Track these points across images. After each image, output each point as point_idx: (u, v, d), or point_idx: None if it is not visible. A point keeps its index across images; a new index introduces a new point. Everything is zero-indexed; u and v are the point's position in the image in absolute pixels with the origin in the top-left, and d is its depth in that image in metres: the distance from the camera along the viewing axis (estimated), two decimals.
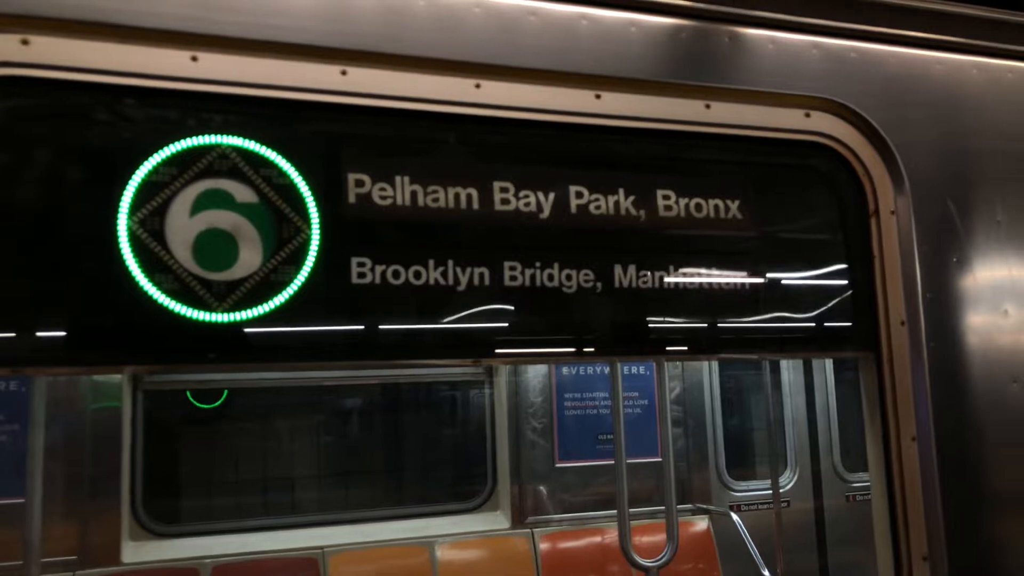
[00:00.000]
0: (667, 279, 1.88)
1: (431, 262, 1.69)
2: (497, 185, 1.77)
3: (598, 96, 1.84)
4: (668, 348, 2.04)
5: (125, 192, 1.50)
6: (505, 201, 1.77)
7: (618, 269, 1.85)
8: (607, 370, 5.58)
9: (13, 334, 1.45)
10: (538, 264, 1.78)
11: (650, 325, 1.91)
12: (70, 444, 4.62)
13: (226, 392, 5.73)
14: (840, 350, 2.20)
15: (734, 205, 1.96)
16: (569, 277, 1.80)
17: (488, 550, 5.35)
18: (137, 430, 4.98)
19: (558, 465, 5.67)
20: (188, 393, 5.61)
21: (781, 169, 2.07)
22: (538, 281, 1.77)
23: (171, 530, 5.03)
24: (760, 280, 1.99)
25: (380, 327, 1.68)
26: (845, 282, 2.06)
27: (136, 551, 4.76)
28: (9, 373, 1.46)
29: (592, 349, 1.96)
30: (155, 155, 1.53)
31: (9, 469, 4.27)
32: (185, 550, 4.84)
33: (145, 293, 1.49)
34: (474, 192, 1.75)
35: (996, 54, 2.21)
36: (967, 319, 2.04)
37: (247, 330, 1.55)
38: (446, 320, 1.72)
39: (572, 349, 1.91)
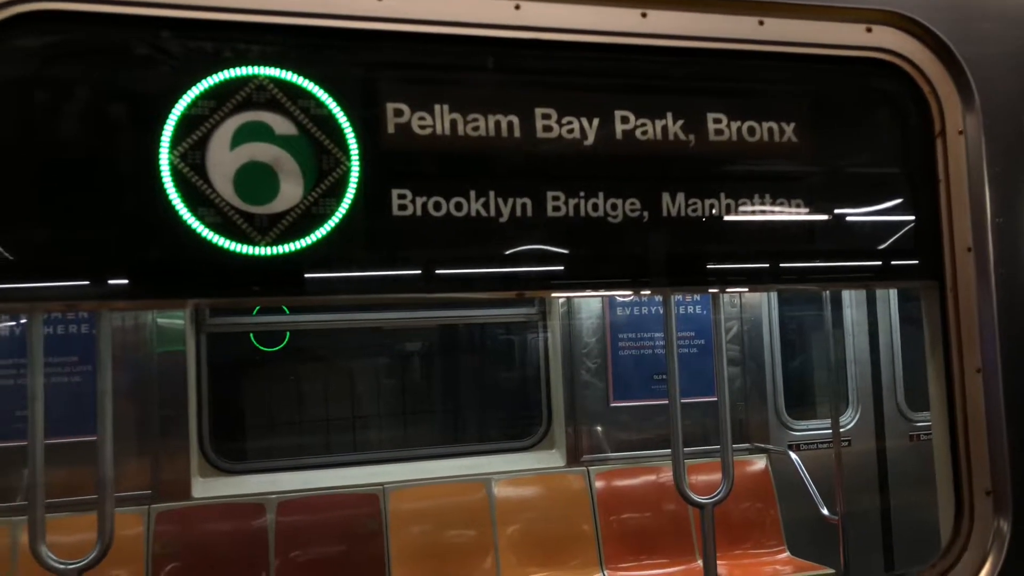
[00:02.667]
0: (718, 207, 1.82)
1: (472, 193, 1.66)
2: (539, 112, 1.72)
3: (644, 15, 1.76)
4: (720, 279, 1.98)
5: (166, 126, 1.50)
6: (547, 128, 1.72)
7: (666, 197, 1.79)
8: (662, 310, 5.52)
9: (54, 270, 1.48)
10: (582, 193, 1.73)
11: (701, 255, 1.85)
12: (140, 387, 4.80)
13: (288, 335, 5.86)
14: (902, 279, 2.11)
15: (789, 128, 1.87)
16: (615, 207, 1.75)
17: (544, 487, 5.42)
18: (202, 372, 5.14)
19: (613, 405, 5.67)
20: (251, 336, 5.76)
21: (840, 89, 1.96)
22: (582, 211, 1.73)
23: (238, 467, 5.23)
24: (817, 206, 1.90)
25: (421, 259, 1.66)
26: (908, 207, 1.97)
27: (205, 487, 4.96)
28: (62, 308, 1.49)
29: (641, 281, 1.91)
30: (193, 88, 1.52)
31: (85, 409, 4.46)
32: (252, 486, 5.02)
33: (188, 227, 1.50)
34: (515, 119, 1.70)
35: None
36: None
37: (290, 263, 1.56)
38: (488, 252, 1.70)
39: (618, 281, 1.88)
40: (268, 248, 1.54)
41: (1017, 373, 1.88)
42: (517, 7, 1.68)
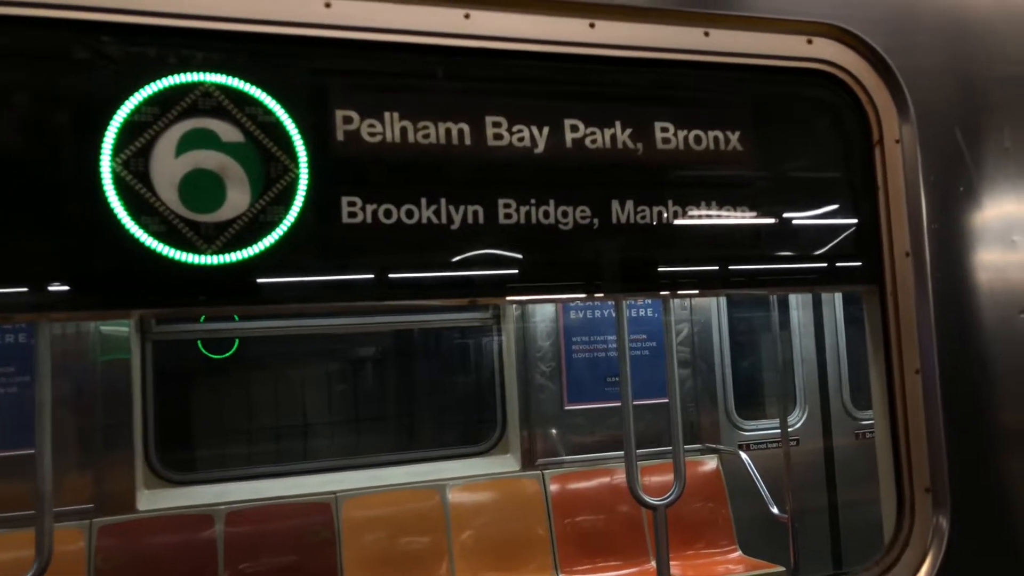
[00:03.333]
0: (667, 214, 1.85)
1: (423, 200, 1.66)
2: (489, 120, 1.72)
3: (592, 25, 1.78)
4: (670, 284, 2.01)
5: (107, 133, 1.47)
6: (498, 136, 1.73)
7: (615, 205, 1.81)
8: (614, 314, 5.58)
9: None
10: (533, 201, 1.74)
11: (650, 261, 1.88)
12: (82, 396, 4.68)
13: (237, 341, 5.77)
14: (844, 283, 2.17)
15: (734, 137, 1.91)
16: (565, 214, 1.76)
17: (499, 492, 5.42)
18: (148, 381, 5.03)
19: (567, 408, 5.71)
20: (199, 343, 5.65)
21: (782, 98, 2.01)
22: (533, 218, 1.74)
23: (185, 478, 5.12)
24: (762, 213, 1.95)
25: (372, 267, 1.65)
26: (848, 214, 2.02)
27: (151, 499, 4.85)
28: None
29: (592, 286, 1.93)
30: (136, 94, 1.49)
31: (23, 421, 4.33)
32: (199, 497, 4.93)
33: (131, 236, 1.46)
34: (466, 127, 1.70)
35: None
36: (974, 250, 2.00)
37: (237, 271, 1.53)
38: (440, 259, 1.70)
39: (570, 286, 1.89)
40: (214, 257, 1.52)
41: (953, 374, 1.94)
42: (467, 16, 1.68)
